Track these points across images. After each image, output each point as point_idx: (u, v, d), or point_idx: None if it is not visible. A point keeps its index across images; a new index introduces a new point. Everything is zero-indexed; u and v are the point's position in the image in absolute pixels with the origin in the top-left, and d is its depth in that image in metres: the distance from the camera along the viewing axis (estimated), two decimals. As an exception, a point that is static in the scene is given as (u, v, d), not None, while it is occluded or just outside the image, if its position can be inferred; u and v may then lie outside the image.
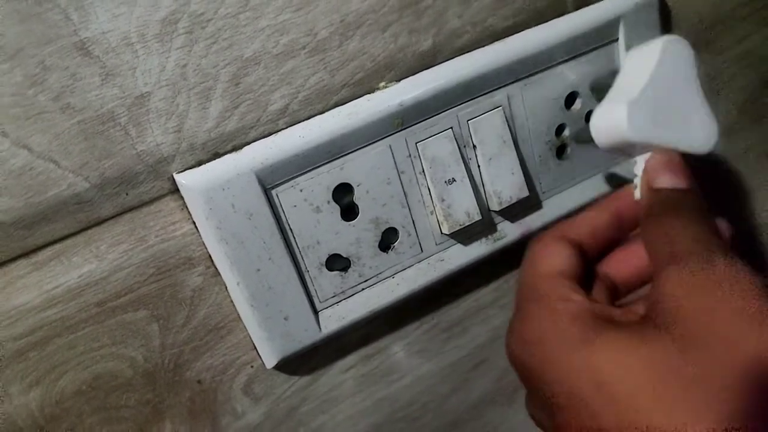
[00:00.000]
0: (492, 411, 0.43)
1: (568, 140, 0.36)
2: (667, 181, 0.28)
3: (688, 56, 0.30)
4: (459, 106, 0.33)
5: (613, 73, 0.32)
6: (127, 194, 0.28)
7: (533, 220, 0.37)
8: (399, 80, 0.32)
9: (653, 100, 0.29)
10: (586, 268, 0.29)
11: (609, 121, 0.29)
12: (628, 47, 0.36)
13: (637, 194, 0.30)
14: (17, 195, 0.26)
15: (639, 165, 0.30)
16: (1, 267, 0.27)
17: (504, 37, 0.33)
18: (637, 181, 0.30)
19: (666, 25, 0.38)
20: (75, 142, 0.27)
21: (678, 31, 0.39)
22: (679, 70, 0.30)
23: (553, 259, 0.28)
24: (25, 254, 0.27)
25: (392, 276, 0.34)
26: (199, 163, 0.29)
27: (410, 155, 0.32)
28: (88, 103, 0.26)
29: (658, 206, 0.28)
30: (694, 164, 0.30)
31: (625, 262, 0.30)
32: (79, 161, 0.27)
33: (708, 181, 0.45)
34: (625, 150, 0.30)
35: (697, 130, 0.30)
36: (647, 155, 0.30)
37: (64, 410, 0.30)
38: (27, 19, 0.24)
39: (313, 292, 0.32)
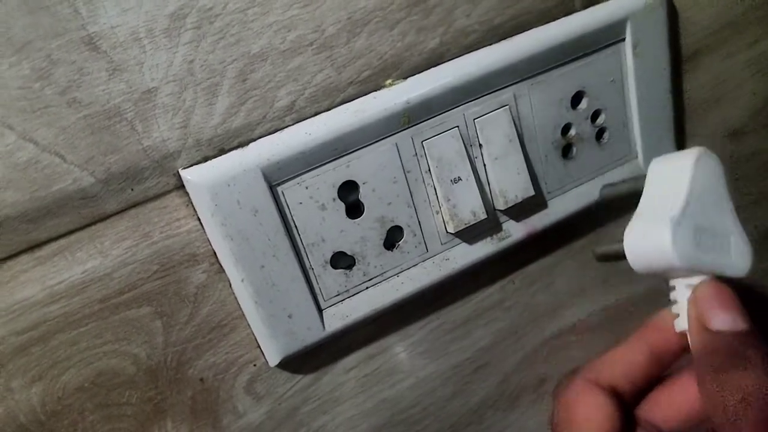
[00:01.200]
0: (493, 415, 0.42)
1: (575, 140, 0.36)
2: (726, 322, 0.24)
3: (720, 172, 0.28)
4: (465, 105, 0.32)
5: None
6: (132, 190, 0.28)
7: (539, 220, 0.36)
8: (406, 78, 0.32)
9: (694, 220, 0.26)
10: (625, 416, 0.26)
11: (649, 244, 0.26)
12: (635, 47, 0.35)
13: (680, 325, 0.27)
14: (23, 189, 0.26)
15: (679, 291, 0.27)
16: (5, 261, 0.27)
17: (511, 36, 0.33)
18: (677, 309, 0.28)
19: (673, 27, 0.38)
20: (81, 137, 0.27)
21: (685, 33, 0.39)
22: (713, 186, 0.27)
23: (590, 416, 0.24)
24: (29, 249, 0.27)
25: (397, 275, 0.34)
26: (205, 159, 0.29)
27: (416, 154, 0.32)
28: (94, 97, 0.26)
29: (718, 356, 0.24)
30: None
31: (669, 407, 0.27)
32: (84, 156, 0.27)
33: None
34: (663, 273, 0.27)
35: (736, 253, 0.28)
36: (688, 280, 0.27)
37: (66, 406, 0.30)
38: (35, 12, 0.24)
39: (317, 290, 0.32)
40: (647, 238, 0.27)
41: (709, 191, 0.27)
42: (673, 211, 0.26)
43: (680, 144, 0.42)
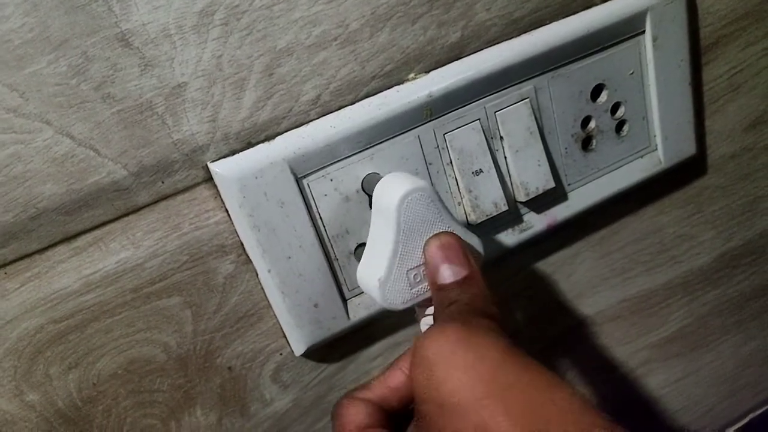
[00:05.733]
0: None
1: (594, 132, 0.37)
2: (448, 273, 0.27)
3: (430, 198, 0.28)
4: (487, 98, 0.33)
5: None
6: (162, 182, 0.29)
7: (559, 211, 0.37)
8: (428, 72, 0.32)
9: (405, 266, 0.28)
10: (397, 419, 0.28)
11: (371, 294, 0.29)
12: (654, 39, 0.36)
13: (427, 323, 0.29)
14: (60, 181, 0.27)
15: (419, 315, 0.30)
16: (44, 252, 0.28)
17: (531, 30, 0.34)
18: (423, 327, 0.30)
19: (692, 18, 0.38)
20: (115, 131, 0.27)
21: (704, 23, 0.39)
22: (423, 217, 0.28)
23: (353, 418, 0.27)
24: (65, 240, 0.28)
25: (419, 266, 0.34)
26: (233, 153, 0.30)
27: (438, 146, 0.33)
28: (127, 92, 0.27)
29: (444, 305, 0.27)
30: (719, 159, 0.30)
31: None
32: (118, 149, 0.28)
33: (729, 173, 0.45)
34: None
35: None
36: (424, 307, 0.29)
37: (101, 393, 0.31)
38: (71, 11, 0.25)
39: (341, 280, 0.33)
40: (369, 290, 0.30)
41: (419, 225, 0.28)
42: (379, 272, 0.28)
43: (699, 136, 0.42)
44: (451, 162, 0.33)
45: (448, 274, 0.27)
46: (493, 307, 0.26)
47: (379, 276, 0.28)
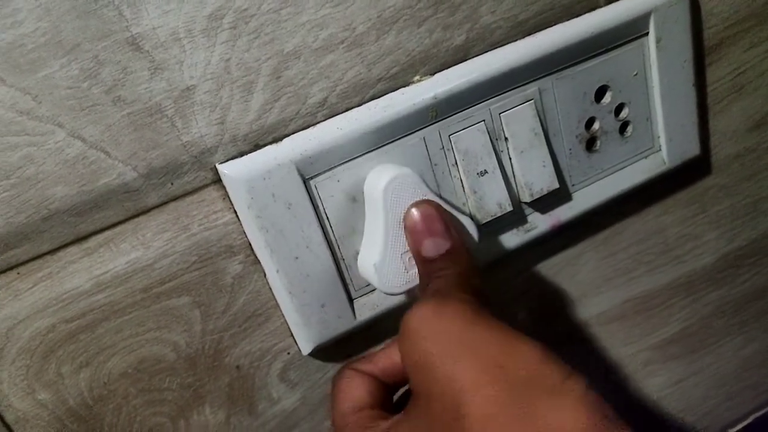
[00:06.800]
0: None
1: (598, 133, 0.37)
2: (431, 247, 0.28)
3: (416, 180, 0.29)
4: (491, 100, 0.33)
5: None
6: (172, 184, 0.30)
7: (563, 212, 0.37)
8: (433, 74, 0.33)
9: (397, 249, 0.29)
10: (394, 390, 0.30)
11: (372, 281, 0.31)
12: (658, 40, 0.36)
13: None
14: (71, 183, 0.28)
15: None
16: (56, 252, 0.28)
17: (536, 32, 0.34)
18: None
19: (696, 19, 0.38)
20: (125, 133, 0.28)
21: (707, 24, 0.39)
22: (408, 199, 0.29)
23: (352, 395, 0.29)
24: (77, 240, 0.29)
25: (425, 266, 0.35)
26: (241, 154, 0.30)
27: (443, 147, 0.33)
28: (137, 95, 0.28)
29: (429, 277, 0.28)
30: (723, 160, 0.30)
31: None
32: (128, 151, 0.28)
33: (733, 173, 0.45)
34: None
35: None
36: None
37: (111, 391, 0.31)
38: (83, 16, 0.25)
39: (348, 280, 0.33)
40: (368, 277, 0.31)
41: (407, 207, 0.29)
42: (374, 258, 0.30)
43: (703, 136, 0.42)
44: (456, 163, 0.33)
45: (431, 247, 0.28)
46: (476, 279, 0.28)
47: (374, 261, 0.30)
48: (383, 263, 0.29)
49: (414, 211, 0.29)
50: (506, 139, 0.34)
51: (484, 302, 0.26)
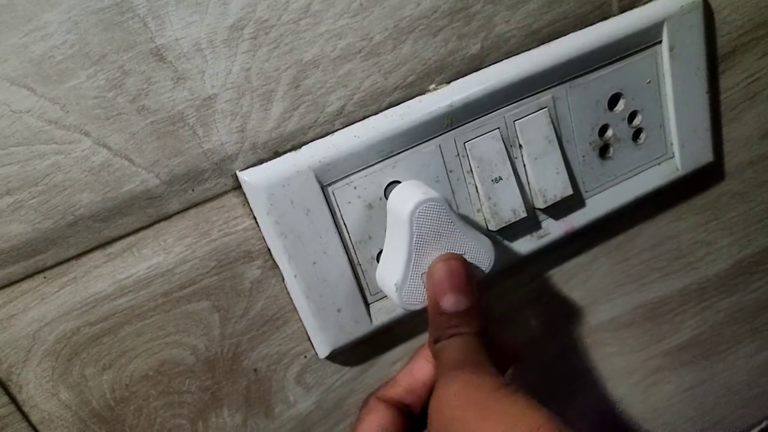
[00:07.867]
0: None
1: (612, 140, 0.37)
2: (453, 305, 0.29)
3: (441, 207, 0.30)
4: (506, 107, 0.34)
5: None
6: (193, 190, 0.30)
7: (577, 218, 0.37)
8: (449, 83, 0.33)
9: (419, 269, 0.30)
10: (417, 418, 0.32)
11: (392, 298, 0.31)
12: (671, 48, 0.36)
13: None
14: (96, 190, 0.28)
15: None
16: (80, 257, 0.29)
17: (550, 41, 0.35)
18: None
19: (709, 27, 0.38)
20: (148, 141, 0.29)
21: (721, 33, 0.39)
22: (436, 224, 0.30)
23: (371, 425, 0.31)
24: (100, 246, 0.29)
25: (439, 271, 0.35)
26: (260, 162, 0.31)
27: (458, 154, 0.33)
28: (161, 104, 0.28)
29: (439, 329, 0.30)
30: (737, 167, 0.30)
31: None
32: (151, 159, 0.29)
33: (747, 180, 0.45)
34: None
35: (475, 257, 0.31)
36: None
37: (133, 393, 0.32)
38: (110, 28, 0.26)
39: (364, 285, 0.34)
40: (388, 293, 0.32)
41: (431, 233, 0.30)
42: (396, 277, 0.30)
43: (717, 143, 0.42)
44: (471, 170, 0.34)
45: (451, 303, 0.29)
46: (486, 335, 0.30)
47: (395, 281, 0.30)
48: (404, 283, 0.30)
49: (441, 266, 0.29)
50: (520, 146, 0.34)
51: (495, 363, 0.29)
